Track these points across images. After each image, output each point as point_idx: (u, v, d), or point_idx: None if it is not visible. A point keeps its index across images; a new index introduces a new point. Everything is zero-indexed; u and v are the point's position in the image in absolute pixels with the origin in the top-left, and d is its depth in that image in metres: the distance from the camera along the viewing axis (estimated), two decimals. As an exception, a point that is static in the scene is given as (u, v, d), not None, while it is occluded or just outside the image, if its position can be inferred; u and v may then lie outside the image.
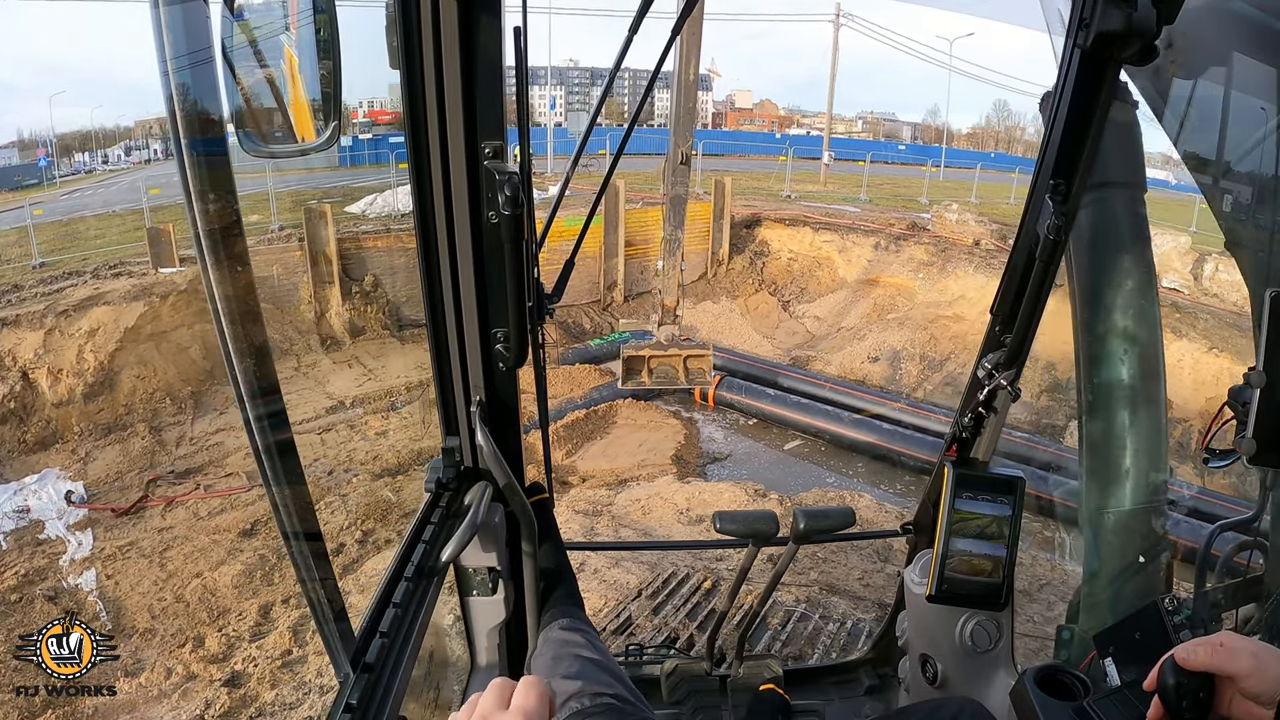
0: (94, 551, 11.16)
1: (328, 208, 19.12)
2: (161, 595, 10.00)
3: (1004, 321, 2.60)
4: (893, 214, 26.59)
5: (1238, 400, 1.63)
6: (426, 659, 2.48)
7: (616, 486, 12.82)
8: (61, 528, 11.80)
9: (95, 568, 10.66)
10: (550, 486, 2.72)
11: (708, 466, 15.62)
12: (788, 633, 6.22)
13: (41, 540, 11.54)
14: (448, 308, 2.14)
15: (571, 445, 15.55)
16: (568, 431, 15.76)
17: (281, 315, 18.15)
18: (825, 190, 32.27)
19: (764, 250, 24.48)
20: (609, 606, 7.04)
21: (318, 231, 18.68)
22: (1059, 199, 2.31)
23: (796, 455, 16.41)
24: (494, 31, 1.83)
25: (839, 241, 23.80)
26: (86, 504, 12.45)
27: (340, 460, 13.98)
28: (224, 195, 1.24)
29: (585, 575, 7.69)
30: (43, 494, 12.54)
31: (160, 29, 1.09)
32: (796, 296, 23.43)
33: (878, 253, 23.09)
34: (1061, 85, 2.25)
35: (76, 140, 45.76)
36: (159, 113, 30.89)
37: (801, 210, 26.39)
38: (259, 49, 1.42)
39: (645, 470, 14.39)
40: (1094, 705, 1.92)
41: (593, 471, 14.59)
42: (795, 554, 3.33)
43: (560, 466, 14.72)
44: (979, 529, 2.71)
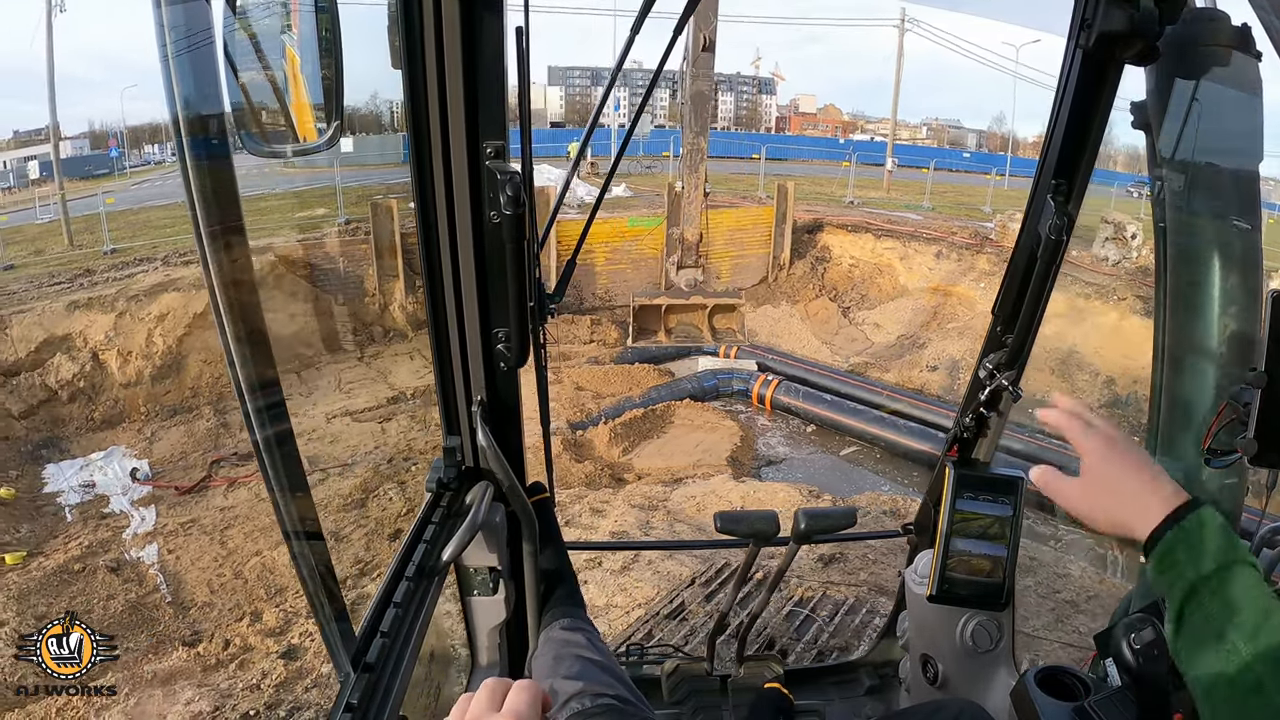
0: (156, 527, 11.35)
1: (394, 203, 19.32)
2: (221, 571, 10.14)
3: (1005, 322, 2.60)
4: (955, 222, 26.29)
5: (1239, 401, 1.58)
6: (427, 659, 2.49)
7: (672, 484, 12.73)
8: (125, 503, 12.06)
9: (157, 542, 10.84)
10: (551, 486, 2.74)
11: (763, 469, 15.48)
12: (835, 625, 6.23)
13: (105, 514, 11.81)
14: (449, 307, 2.16)
15: (628, 443, 15.48)
16: (625, 430, 15.68)
17: (345, 308, 18.42)
18: (888, 197, 32.06)
19: (825, 256, 24.29)
20: (661, 594, 7.06)
21: (383, 226, 18.91)
22: (1061, 199, 2.32)
23: (852, 461, 16.21)
24: (496, 31, 1.84)
25: (900, 249, 23.54)
26: (151, 481, 12.71)
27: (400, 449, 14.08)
28: (225, 194, 1.26)
29: (639, 566, 7.73)
30: (108, 470, 12.84)
31: (162, 29, 1.10)
32: (857, 303, 23.19)
33: (939, 261, 22.78)
34: (1063, 85, 2.25)
35: (146, 132, 46.82)
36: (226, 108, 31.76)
37: (864, 216, 26.21)
38: (261, 49, 1.43)
39: (700, 470, 14.24)
40: (1095, 705, 1.95)
41: (648, 470, 14.51)
42: (796, 553, 3.31)
43: (617, 464, 14.74)
44: (980, 529, 2.67)
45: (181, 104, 1.15)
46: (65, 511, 12.01)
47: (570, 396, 16.79)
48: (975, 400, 2.72)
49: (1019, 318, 2.51)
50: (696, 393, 17.82)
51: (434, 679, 2.72)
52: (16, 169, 36.18)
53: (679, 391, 17.65)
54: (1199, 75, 2.36)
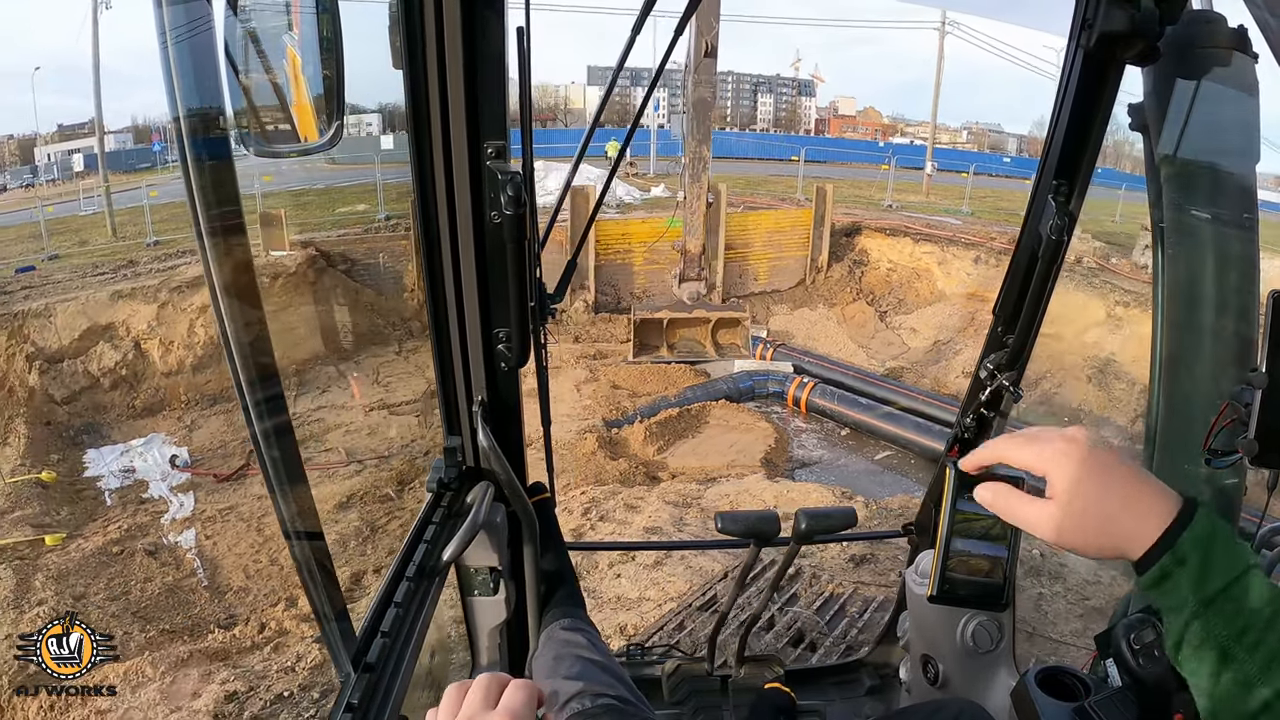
0: (195, 512, 11.54)
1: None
2: (257, 558, 10.27)
3: (1006, 322, 2.61)
4: (995, 228, 26.01)
5: (1240, 401, 1.59)
6: (428, 659, 2.47)
7: (706, 482, 12.72)
8: (165, 488, 12.23)
9: (195, 528, 11.02)
10: (552, 486, 2.75)
11: (796, 471, 15.44)
12: (864, 620, 6.25)
13: (144, 499, 11.98)
14: (450, 307, 2.17)
15: (663, 442, 15.49)
16: (660, 428, 15.71)
17: (386, 302, 18.58)
18: (927, 201, 31.79)
19: (863, 259, 24.17)
20: (694, 587, 7.08)
21: (426, 221, 19.01)
22: (1061, 200, 2.32)
23: (886, 465, 16.11)
24: (497, 31, 1.85)
25: (939, 253, 23.37)
26: (190, 468, 12.88)
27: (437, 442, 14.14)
28: (226, 194, 1.27)
29: (672, 561, 7.74)
30: (148, 456, 13.03)
31: (163, 29, 1.11)
32: (894, 307, 23.05)
33: (978, 266, 22.54)
34: (1064, 86, 2.26)
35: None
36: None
37: (902, 220, 26.03)
38: (262, 49, 1.44)
39: (734, 470, 14.22)
40: (1095, 706, 1.95)
41: (683, 468, 14.51)
42: (797, 553, 3.33)
43: (651, 462, 14.76)
44: (981, 530, 2.64)
45: (183, 103, 1.17)
46: (105, 496, 12.21)
47: (607, 395, 16.87)
48: (976, 400, 2.74)
49: (1020, 318, 2.52)
50: (732, 393, 17.77)
51: (434, 679, 2.72)
52: (61, 162, 36.89)
53: (714, 392, 17.63)
54: (1197, 77, 2.37)
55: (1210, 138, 2.45)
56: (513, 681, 0.95)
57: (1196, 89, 2.37)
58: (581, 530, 9.36)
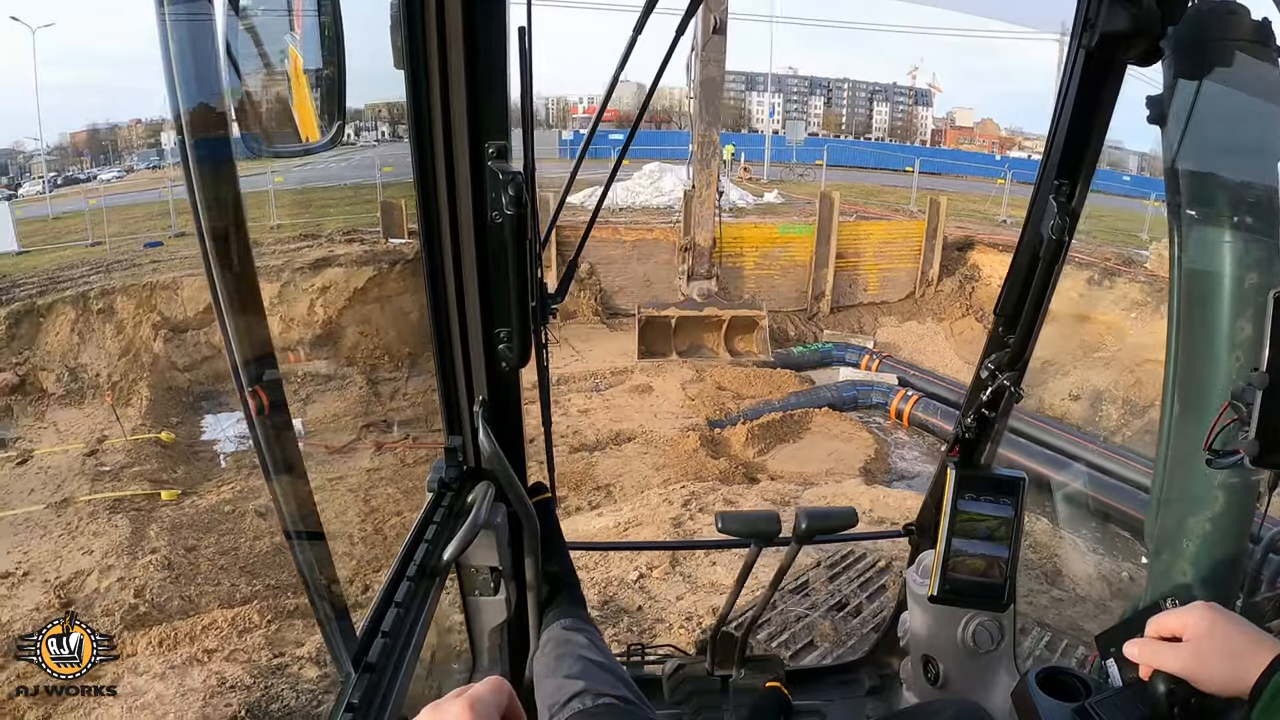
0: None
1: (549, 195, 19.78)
2: (364, 526, 10.58)
3: (1008, 322, 2.58)
4: (1109, 248, 25.28)
5: (1241, 401, 1.60)
6: (428, 659, 2.48)
7: (804, 485, 12.64)
8: (276, 456, 12.64)
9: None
10: (553, 487, 2.73)
11: (894, 482, 15.24)
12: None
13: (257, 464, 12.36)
14: (451, 307, 2.17)
15: (764, 445, 15.52)
16: (762, 431, 15.73)
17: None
18: (1042, 219, 30.95)
19: (974, 275, 23.75)
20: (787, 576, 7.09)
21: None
22: (1063, 200, 2.30)
23: (983, 483, 15.71)
24: (499, 31, 1.86)
25: (1051, 272, 22.70)
26: (302, 439, 13.20)
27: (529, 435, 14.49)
28: (227, 194, 1.29)
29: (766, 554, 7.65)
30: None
31: (165, 28, 1.13)
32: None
33: (1090, 287, 21.99)
34: (1066, 86, 2.24)
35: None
36: (387, 99, 33.44)
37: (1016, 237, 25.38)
38: (263, 49, 1.46)
39: (833, 478, 14.19)
40: (1095, 706, 1.90)
41: (781, 472, 14.54)
42: (797, 553, 3.24)
43: (751, 463, 14.80)
44: (982, 530, 2.69)
45: (184, 103, 1.18)
46: (220, 458, 12.75)
47: (711, 395, 16.95)
48: (977, 401, 2.70)
49: (1021, 318, 2.50)
50: (835, 402, 17.71)
51: (435, 679, 2.75)
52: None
53: (818, 399, 17.59)
54: (1216, 70, 2.28)
55: (1230, 132, 2.38)
56: (486, 679, 0.99)
57: (1214, 83, 2.29)
58: (680, 519, 9.40)
